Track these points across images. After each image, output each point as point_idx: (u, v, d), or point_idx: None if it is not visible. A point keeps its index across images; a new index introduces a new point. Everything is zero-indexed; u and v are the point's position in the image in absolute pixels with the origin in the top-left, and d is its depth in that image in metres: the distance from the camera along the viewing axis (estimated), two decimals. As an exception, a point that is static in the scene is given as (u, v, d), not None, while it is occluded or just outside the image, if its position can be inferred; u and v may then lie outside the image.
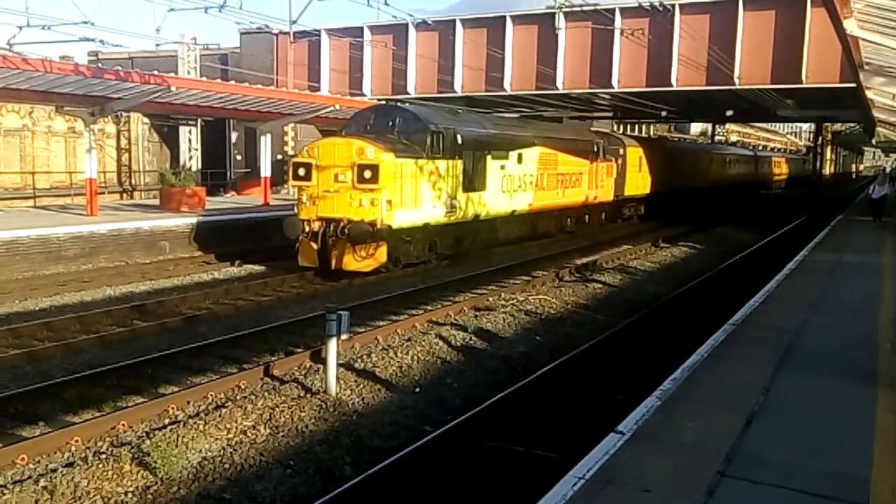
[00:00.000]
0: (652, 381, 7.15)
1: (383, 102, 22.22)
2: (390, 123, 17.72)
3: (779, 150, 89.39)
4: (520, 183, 21.75)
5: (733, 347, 8.46)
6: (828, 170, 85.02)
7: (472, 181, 19.20)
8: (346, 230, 16.10)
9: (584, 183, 26.15)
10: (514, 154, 21.27)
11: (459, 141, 18.48)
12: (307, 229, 16.67)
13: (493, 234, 21.18)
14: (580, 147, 25.83)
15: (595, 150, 26.87)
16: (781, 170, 71.05)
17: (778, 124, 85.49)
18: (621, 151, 29.70)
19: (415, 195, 17.01)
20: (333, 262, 16.64)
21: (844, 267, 15.54)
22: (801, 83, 24.97)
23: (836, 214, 29.81)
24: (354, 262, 16.55)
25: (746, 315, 10.21)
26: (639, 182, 31.76)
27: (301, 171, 16.98)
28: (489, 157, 19.95)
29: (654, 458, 5.35)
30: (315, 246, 16.70)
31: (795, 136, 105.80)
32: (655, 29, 25.63)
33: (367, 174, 16.05)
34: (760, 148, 76.82)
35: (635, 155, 31.24)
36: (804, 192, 56.25)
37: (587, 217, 27.61)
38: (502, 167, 20.65)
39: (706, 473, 5.07)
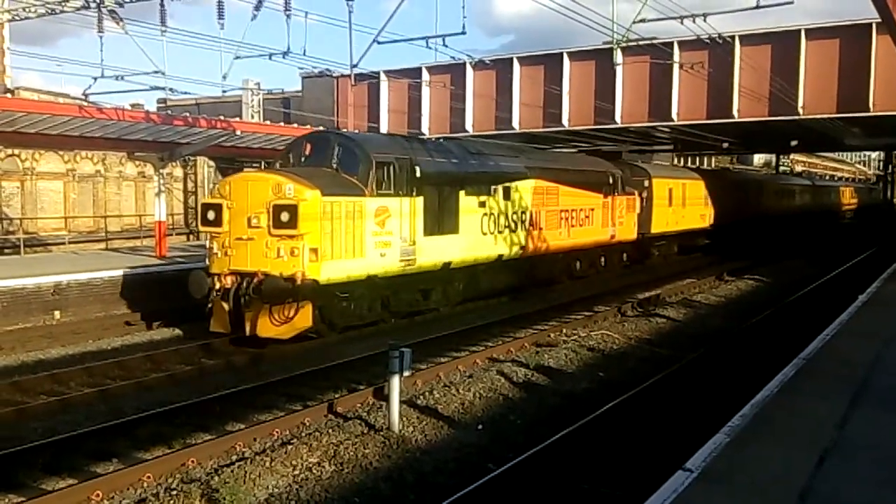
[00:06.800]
0: (719, 417, 6.99)
1: (324, 130, 19.82)
2: (329, 154, 14.81)
3: (846, 179, 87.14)
4: (507, 222, 18.68)
5: (805, 382, 8.21)
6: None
7: (439, 222, 16.23)
8: (260, 287, 13.08)
9: (597, 220, 23.06)
10: (498, 189, 18.32)
11: (417, 174, 15.55)
12: (218, 286, 13.70)
13: (472, 283, 18.04)
14: (590, 179, 22.93)
15: (610, 182, 23.98)
16: (847, 199, 69.11)
17: (845, 153, 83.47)
18: (646, 183, 26.87)
19: (354, 241, 14.01)
20: (248, 328, 13.49)
21: (921, 298, 14.97)
22: (868, 111, 24.36)
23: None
24: (271, 326, 13.39)
25: (818, 348, 9.91)
26: (668, 217, 28.41)
27: (210, 215, 13.93)
28: (462, 193, 17.01)
29: (723, 496, 5.21)
30: (227, 307, 13.63)
31: (864, 165, 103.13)
32: (715, 61, 25.37)
33: (285, 217, 13.07)
34: (826, 177, 74.96)
35: (664, 187, 28.07)
36: (875, 222, 54.55)
37: (603, 259, 24.33)
38: (481, 204, 17.67)
39: (779, 512, 4.93)
